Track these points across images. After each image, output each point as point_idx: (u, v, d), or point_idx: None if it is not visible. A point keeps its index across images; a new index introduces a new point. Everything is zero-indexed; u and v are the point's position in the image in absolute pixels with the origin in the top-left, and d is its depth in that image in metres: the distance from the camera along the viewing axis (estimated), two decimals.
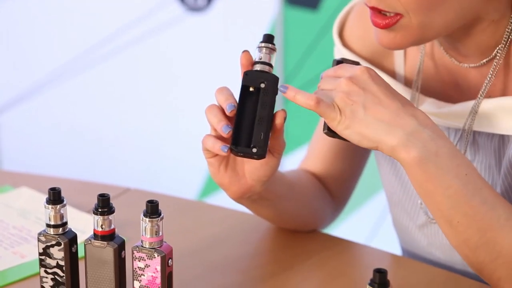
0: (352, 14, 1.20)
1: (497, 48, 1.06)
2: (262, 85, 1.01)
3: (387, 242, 1.54)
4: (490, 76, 1.07)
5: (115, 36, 2.51)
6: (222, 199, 1.24)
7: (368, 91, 0.98)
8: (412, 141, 0.96)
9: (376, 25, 1.01)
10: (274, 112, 1.02)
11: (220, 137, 1.02)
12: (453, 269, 1.18)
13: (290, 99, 1.00)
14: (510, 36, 1.05)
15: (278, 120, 1.01)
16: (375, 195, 2.25)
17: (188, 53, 2.45)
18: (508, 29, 1.05)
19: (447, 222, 0.99)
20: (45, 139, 2.70)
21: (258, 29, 2.31)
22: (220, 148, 1.01)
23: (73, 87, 2.61)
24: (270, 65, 1.03)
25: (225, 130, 1.00)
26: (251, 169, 1.05)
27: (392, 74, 1.17)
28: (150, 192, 1.34)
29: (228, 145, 1.01)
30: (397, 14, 1.00)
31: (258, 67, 1.02)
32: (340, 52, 1.20)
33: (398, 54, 1.17)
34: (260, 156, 1.01)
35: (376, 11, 1.01)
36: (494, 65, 1.06)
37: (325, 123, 1.02)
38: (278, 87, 1.02)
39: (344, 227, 2.11)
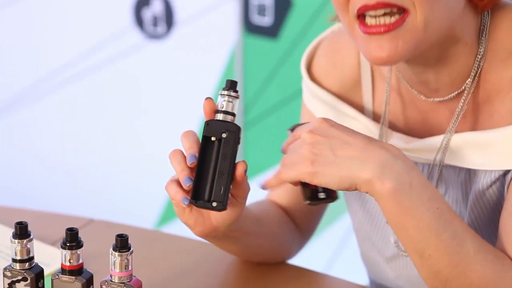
0: (321, 48, 1.20)
1: (467, 81, 1.07)
2: (224, 135, 1.01)
3: (348, 269, 1.54)
4: (458, 111, 1.08)
5: (74, 64, 2.50)
6: (182, 228, 1.24)
7: (331, 136, 1.00)
8: (386, 172, 0.97)
9: (380, 28, 0.99)
10: (236, 162, 1.02)
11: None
12: None
13: (269, 187, 1.04)
14: (480, 65, 1.07)
15: (238, 173, 1.02)
16: (334, 222, 2.26)
17: (147, 81, 2.44)
18: (478, 57, 1.06)
19: (418, 254, 1.00)
20: (3, 167, 2.66)
21: (218, 57, 2.32)
22: (181, 200, 1.02)
23: (31, 114, 2.58)
24: (232, 114, 1.02)
25: (186, 182, 1.01)
26: (216, 212, 1.05)
27: (361, 109, 1.18)
28: (114, 223, 1.33)
29: (189, 198, 1.02)
30: (403, 12, 0.99)
31: (220, 117, 1.02)
32: (307, 86, 1.21)
33: (366, 89, 1.17)
34: (220, 210, 1.02)
35: (382, 7, 0.98)
36: (463, 100, 1.08)
37: (303, 194, 1.04)
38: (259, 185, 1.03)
39: (304, 254, 2.11)
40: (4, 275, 1.00)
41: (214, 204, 1.02)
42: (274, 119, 2.30)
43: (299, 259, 1.28)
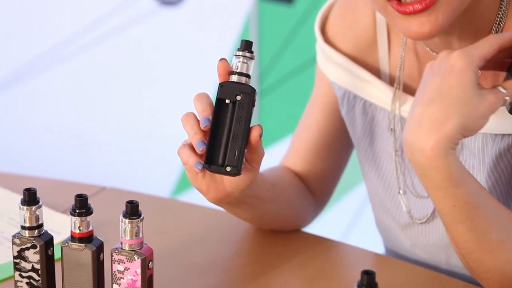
0: (335, 9, 1.17)
1: None
2: (238, 98, 0.98)
3: (364, 239, 1.52)
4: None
5: (87, 31, 2.48)
6: (197, 196, 1.22)
7: (429, 82, 0.95)
8: (408, 155, 0.95)
9: (417, 5, 0.95)
10: (251, 126, 0.99)
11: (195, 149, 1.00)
12: (437, 269, 1.16)
13: None
14: (502, 21, 1.03)
15: (253, 137, 0.99)
16: (351, 191, 2.24)
17: (161, 48, 2.41)
18: (500, 13, 1.03)
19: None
20: (15, 136, 2.65)
21: (232, 23, 2.29)
22: (194, 164, 0.99)
23: (44, 82, 2.57)
24: (247, 75, 0.99)
25: (199, 146, 0.98)
26: (229, 177, 1.03)
27: (377, 71, 1.14)
28: (126, 191, 1.31)
29: (202, 162, 0.99)
30: None
31: (234, 78, 0.98)
32: (321, 48, 1.17)
33: (382, 50, 1.14)
34: (234, 174, 0.99)
35: None
36: None
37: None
38: None
39: (320, 223, 2.10)
40: (13, 243, 0.99)
41: (228, 168, 0.99)
42: (290, 86, 2.27)
43: (316, 228, 1.27)
